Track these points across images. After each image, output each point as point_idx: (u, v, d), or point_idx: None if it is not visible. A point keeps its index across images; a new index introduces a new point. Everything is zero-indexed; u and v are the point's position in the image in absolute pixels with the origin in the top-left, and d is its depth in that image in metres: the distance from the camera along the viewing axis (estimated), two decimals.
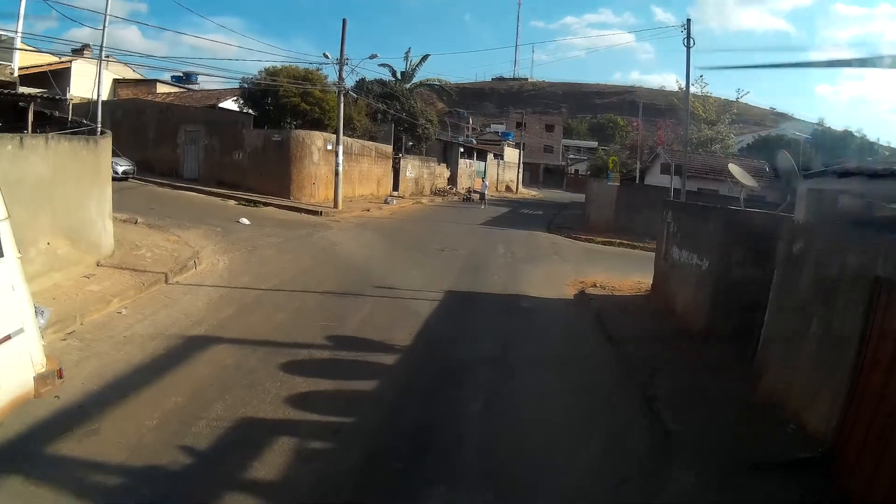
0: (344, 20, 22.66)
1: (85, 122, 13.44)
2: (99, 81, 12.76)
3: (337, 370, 6.92)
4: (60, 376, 5.74)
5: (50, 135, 10.14)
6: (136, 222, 14.78)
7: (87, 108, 27.52)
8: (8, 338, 5.21)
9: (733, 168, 9.26)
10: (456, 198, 38.93)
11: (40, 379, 5.51)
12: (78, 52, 32.88)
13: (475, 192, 39.16)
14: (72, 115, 14.34)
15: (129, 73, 36.80)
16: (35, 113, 14.50)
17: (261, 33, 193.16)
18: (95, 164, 10.92)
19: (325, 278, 11.64)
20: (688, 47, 16.13)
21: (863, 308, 5.01)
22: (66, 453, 4.65)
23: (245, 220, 17.18)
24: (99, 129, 12.90)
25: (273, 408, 5.77)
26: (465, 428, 5.78)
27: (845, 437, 5.02)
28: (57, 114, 14.21)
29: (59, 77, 28.39)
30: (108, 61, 35.10)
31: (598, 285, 12.58)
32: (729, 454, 5.34)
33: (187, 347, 7.15)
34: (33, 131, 13.04)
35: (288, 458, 4.91)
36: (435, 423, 5.85)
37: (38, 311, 6.76)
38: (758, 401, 6.42)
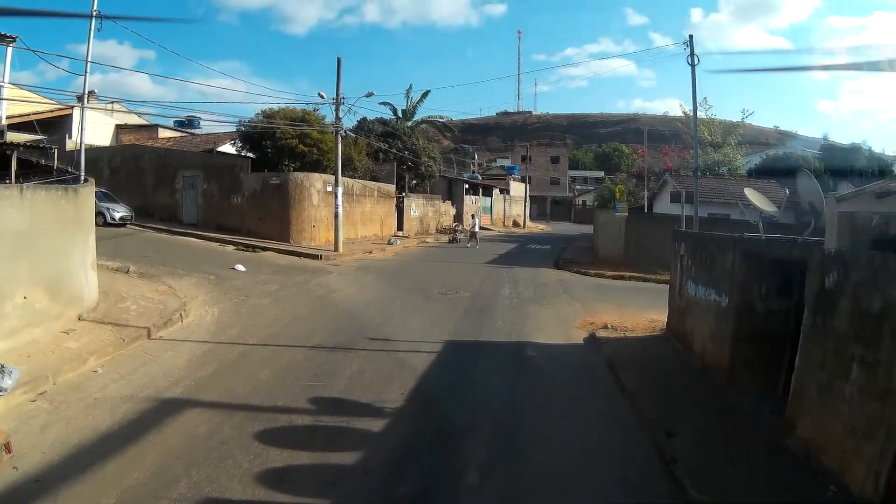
0: (339, 59, 22.56)
1: (70, 169, 13.09)
2: (82, 128, 12.52)
3: (318, 439, 6.19)
4: (9, 451, 5.32)
5: (26, 184, 9.85)
6: (127, 271, 14.38)
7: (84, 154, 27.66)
8: None
9: (749, 193, 8.57)
10: (461, 236, 33.79)
11: None
12: (82, 98, 33.23)
13: (462, 230, 33.81)
14: (58, 162, 13.99)
15: (133, 119, 37.14)
16: (24, 162, 14.26)
17: (266, 78, 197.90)
18: (76, 213, 10.53)
19: (318, 329, 10.97)
20: (692, 65, 15.56)
21: None
22: None
23: (241, 267, 16.66)
24: (83, 177, 12.49)
25: (242, 487, 5.10)
26: None
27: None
28: (43, 162, 13.87)
29: (61, 124, 28.64)
30: (111, 109, 35.72)
31: (609, 326, 11.77)
32: None
33: (159, 412, 6.62)
34: (18, 180, 12.73)
35: None
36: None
37: (6, 372, 6.59)
38: (791, 457, 5.64)
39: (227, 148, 28.71)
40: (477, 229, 31.54)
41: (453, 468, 5.68)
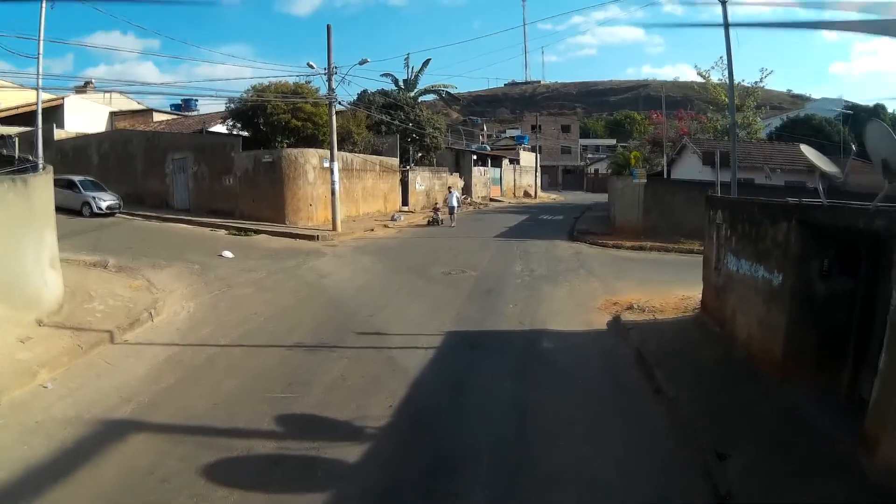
0: (328, 26, 20.90)
1: (30, 158, 11.95)
2: (39, 110, 11.20)
3: (277, 475, 4.96)
4: None
5: None
6: (106, 265, 13.29)
7: (73, 142, 26.69)
8: None
9: (807, 150, 7.11)
10: (470, 208, 32.69)
11: None
12: (81, 89, 32.52)
13: (441, 208, 28.08)
14: (45, 152, 12.93)
15: (131, 105, 36.02)
16: None
17: (271, 60, 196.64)
18: (27, 207, 9.43)
19: (301, 323, 9.76)
20: (724, 2, 13.88)
21: None
22: None
23: (228, 254, 15.48)
24: (41, 165, 11.31)
25: None
26: None
27: None
28: (4, 152, 12.78)
29: (53, 114, 27.81)
30: (110, 97, 34.77)
31: (634, 307, 10.39)
32: None
33: (101, 439, 5.64)
34: None
35: None
36: None
37: None
38: (876, 489, 4.30)
39: (220, 128, 27.38)
40: (455, 203, 27.35)
41: None
